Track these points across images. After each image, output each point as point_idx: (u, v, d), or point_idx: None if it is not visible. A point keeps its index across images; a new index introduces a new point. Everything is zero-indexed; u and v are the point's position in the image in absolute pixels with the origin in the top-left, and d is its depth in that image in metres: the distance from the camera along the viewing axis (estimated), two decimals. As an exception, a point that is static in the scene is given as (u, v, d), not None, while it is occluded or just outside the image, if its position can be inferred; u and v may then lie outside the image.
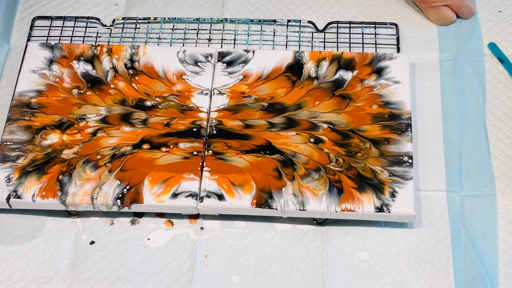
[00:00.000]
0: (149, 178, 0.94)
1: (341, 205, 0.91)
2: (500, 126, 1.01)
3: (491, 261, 0.90)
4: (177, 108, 1.00)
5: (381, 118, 0.98)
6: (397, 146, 0.96)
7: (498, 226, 0.93)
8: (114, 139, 0.97)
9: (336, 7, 1.12)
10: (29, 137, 0.98)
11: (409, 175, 0.93)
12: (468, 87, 1.04)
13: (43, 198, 0.93)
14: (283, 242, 0.93)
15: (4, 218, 0.95)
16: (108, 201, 0.93)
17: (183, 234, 0.94)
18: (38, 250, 0.93)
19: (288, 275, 0.91)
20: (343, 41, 1.08)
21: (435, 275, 0.90)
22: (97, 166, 0.95)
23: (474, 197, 0.95)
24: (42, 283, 0.90)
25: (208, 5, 1.13)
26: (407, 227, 0.93)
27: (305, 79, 1.02)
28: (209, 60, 1.04)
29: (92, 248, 0.93)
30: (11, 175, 0.95)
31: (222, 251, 0.92)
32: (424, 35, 1.09)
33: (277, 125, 0.98)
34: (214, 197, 0.92)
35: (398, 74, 1.01)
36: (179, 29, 1.10)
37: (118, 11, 1.13)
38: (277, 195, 0.92)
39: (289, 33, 1.10)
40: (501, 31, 1.09)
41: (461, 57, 1.06)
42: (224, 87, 1.01)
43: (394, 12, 1.12)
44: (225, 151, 0.96)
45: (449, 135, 1.00)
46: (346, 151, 0.96)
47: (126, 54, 1.04)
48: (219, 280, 0.90)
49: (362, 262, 0.91)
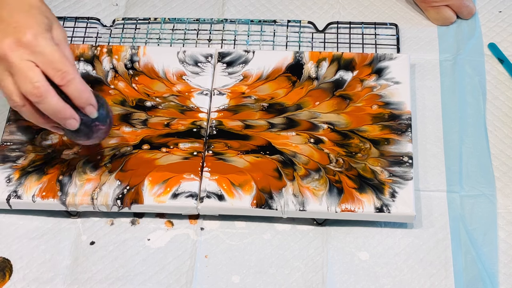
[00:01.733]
0: (149, 179, 0.94)
1: (341, 206, 0.91)
2: (500, 126, 1.01)
3: (491, 261, 0.90)
4: (177, 109, 1.00)
5: (381, 119, 0.98)
6: (397, 147, 0.96)
7: (498, 226, 0.93)
8: (114, 139, 0.97)
9: (336, 8, 1.12)
10: (29, 138, 0.98)
11: (409, 175, 0.93)
12: (468, 88, 1.04)
13: (43, 199, 0.93)
14: (283, 242, 0.93)
15: (4, 218, 0.95)
16: (108, 201, 0.93)
17: (183, 234, 0.94)
18: (38, 250, 0.93)
19: (288, 275, 0.91)
20: (343, 41, 1.08)
21: (435, 275, 0.90)
22: (97, 166, 0.95)
23: (474, 197, 0.95)
24: (42, 284, 0.90)
25: (208, 6, 1.13)
26: (407, 227, 0.93)
27: (305, 80, 1.02)
28: (209, 60, 1.04)
29: (92, 248, 0.93)
30: (11, 176, 0.95)
31: (222, 251, 0.92)
32: (424, 35, 1.09)
33: (277, 126, 0.98)
34: (214, 198, 0.92)
35: (398, 75, 1.01)
36: (179, 29, 1.10)
37: (118, 11, 1.13)
38: (277, 196, 0.92)
39: (289, 33, 1.10)
40: (501, 31, 1.09)
41: (461, 58, 1.06)
42: (224, 88, 1.02)
43: (394, 12, 1.12)
44: (225, 152, 0.96)
45: (449, 135, 1.00)
46: (346, 151, 0.96)
47: (126, 55, 1.04)
48: (219, 281, 0.90)
49: (362, 262, 0.91)
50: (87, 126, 0.87)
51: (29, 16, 0.85)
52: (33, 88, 0.82)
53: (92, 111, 0.86)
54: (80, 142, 0.90)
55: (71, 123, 0.85)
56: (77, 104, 0.85)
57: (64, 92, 0.84)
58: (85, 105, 0.86)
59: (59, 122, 0.85)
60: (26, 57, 0.83)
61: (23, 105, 0.84)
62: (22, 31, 0.83)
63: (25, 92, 0.83)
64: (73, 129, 0.86)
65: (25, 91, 0.83)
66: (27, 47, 0.83)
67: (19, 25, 0.84)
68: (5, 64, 0.83)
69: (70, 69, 0.84)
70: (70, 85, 0.84)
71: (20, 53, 0.83)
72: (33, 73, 0.82)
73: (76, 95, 0.85)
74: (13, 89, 0.84)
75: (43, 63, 0.83)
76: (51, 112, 0.84)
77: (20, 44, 0.83)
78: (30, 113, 0.85)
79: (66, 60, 0.84)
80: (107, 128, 0.89)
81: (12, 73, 0.83)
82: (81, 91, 0.85)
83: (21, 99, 0.84)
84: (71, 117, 0.85)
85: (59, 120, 0.85)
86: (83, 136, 0.88)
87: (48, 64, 0.83)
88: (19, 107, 0.85)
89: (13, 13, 0.85)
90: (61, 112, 0.84)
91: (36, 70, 0.83)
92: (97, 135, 0.89)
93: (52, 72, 0.83)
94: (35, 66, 0.83)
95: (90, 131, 0.88)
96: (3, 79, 0.84)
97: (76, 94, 0.85)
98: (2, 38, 0.83)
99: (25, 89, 0.83)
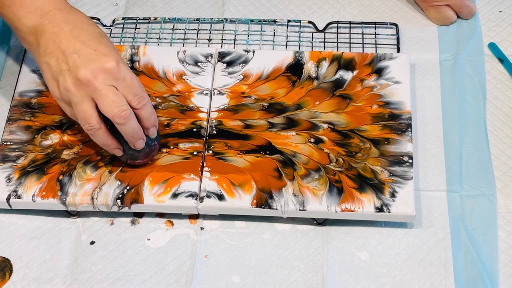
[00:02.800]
0: (149, 179, 0.94)
1: (341, 205, 0.91)
2: (500, 126, 1.01)
3: (491, 261, 0.90)
4: (177, 109, 1.00)
5: (381, 118, 0.98)
6: (397, 146, 0.96)
7: (498, 226, 0.93)
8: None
9: (336, 7, 1.12)
10: (29, 137, 0.98)
11: (409, 175, 0.93)
12: (468, 87, 1.04)
13: (43, 198, 0.93)
14: (283, 242, 0.93)
15: (4, 218, 0.95)
16: (108, 201, 0.93)
17: (183, 234, 0.94)
18: (38, 250, 0.93)
19: (288, 275, 0.91)
20: (343, 41, 1.08)
21: (435, 275, 0.90)
22: (98, 166, 0.95)
23: (474, 197, 0.95)
24: (42, 283, 0.90)
25: (208, 5, 1.13)
26: (407, 227, 0.93)
27: (305, 79, 1.02)
28: (209, 60, 1.04)
29: (92, 248, 0.93)
30: (11, 175, 0.95)
31: (222, 251, 0.92)
32: (424, 35, 1.09)
33: (277, 125, 0.98)
34: (214, 197, 0.92)
35: (398, 74, 1.01)
36: (179, 29, 1.10)
37: (118, 11, 1.13)
38: (277, 195, 0.92)
39: (289, 33, 1.10)
40: (501, 31, 1.09)
41: (461, 57, 1.06)
42: (224, 87, 1.01)
43: (394, 12, 1.12)
44: (225, 151, 0.96)
45: (449, 135, 1.00)
46: (346, 151, 0.96)
47: (126, 54, 1.04)
48: (219, 280, 0.90)
49: (362, 262, 0.91)
50: (148, 146, 0.92)
51: (103, 43, 0.89)
52: (120, 111, 0.87)
53: (154, 132, 0.92)
54: (138, 162, 0.94)
55: (140, 143, 0.91)
56: (145, 126, 0.91)
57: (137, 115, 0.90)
58: (151, 126, 0.92)
59: (132, 142, 0.91)
60: (109, 82, 0.87)
61: (99, 128, 0.89)
62: (105, 58, 0.87)
63: (112, 116, 0.87)
64: (139, 149, 0.91)
65: (112, 115, 0.87)
66: (111, 74, 0.87)
67: (99, 52, 0.88)
68: (88, 89, 0.87)
69: (145, 94, 0.90)
70: (144, 109, 0.90)
71: (104, 79, 0.87)
72: (118, 97, 0.87)
73: (147, 117, 0.91)
74: (91, 113, 0.88)
75: (124, 88, 0.88)
76: (130, 133, 0.90)
77: (104, 71, 0.87)
78: (104, 136, 0.90)
79: (141, 86, 0.90)
80: (159, 147, 0.95)
81: (95, 98, 0.87)
82: (151, 114, 0.91)
83: (99, 123, 0.88)
84: (142, 138, 0.91)
85: (133, 140, 0.90)
86: (144, 155, 0.93)
87: (128, 89, 0.88)
88: (94, 130, 0.89)
89: (89, 40, 0.89)
90: (138, 133, 0.90)
91: (120, 95, 0.88)
92: (153, 154, 0.94)
93: (131, 97, 0.88)
94: (117, 91, 0.87)
95: (150, 150, 0.93)
96: (82, 103, 0.88)
97: (147, 116, 0.91)
98: (86, 64, 0.87)
99: (112, 113, 0.87)
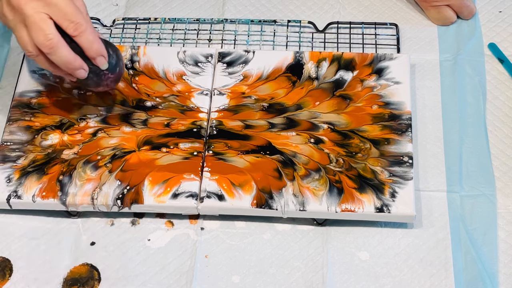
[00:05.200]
0: (149, 179, 0.94)
1: (341, 206, 0.91)
2: (500, 126, 1.01)
3: (491, 261, 0.90)
4: (177, 109, 1.00)
5: (381, 119, 0.98)
6: (397, 147, 0.96)
7: (498, 226, 0.93)
8: (114, 139, 0.97)
9: (336, 8, 1.12)
10: (30, 138, 0.98)
11: (409, 175, 0.93)
12: (468, 87, 1.04)
13: (43, 199, 0.93)
14: (283, 242, 0.93)
15: (4, 218, 0.95)
16: (109, 201, 0.93)
17: (183, 234, 0.94)
18: (38, 250, 0.93)
19: (288, 275, 0.91)
20: (343, 41, 1.08)
21: (435, 275, 0.90)
22: (98, 166, 0.95)
23: (474, 197, 0.95)
24: (42, 284, 0.90)
25: (208, 6, 1.14)
26: (407, 227, 0.93)
27: (305, 80, 1.02)
28: (209, 60, 1.04)
29: (93, 248, 0.93)
30: (12, 176, 0.95)
31: (222, 251, 0.92)
32: (424, 35, 1.09)
33: (277, 126, 0.98)
34: (214, 198, 0.92)
35: (398, 75, 1.01)
36: (179, 29, 1.10)
37: (118, 11, 1.13)
38: (277, 196, 0.92)
39: (289, 33, 1.10)
40: (501, 31, 1.09)
41: (461, 58, 1.06)
42: (224, 88, 1.02)
43: (394, 12, 1.12)
44: (225, 152, 0.96)
45: (449, 135, 1.00)
46: (346, 151, 0.96)
47: (126, 55, 1.04)
48: (219, 281, 0.90)
49: (362, 262, 0.91)
50: (96, 75, 0.91)
51: None
52: (45, 40, 0.86)
53: (102, 62, 0.90)
54: (92, 89, 0.94)
55: (80, 73, 0.89)
56: (88, 55, 0.89)
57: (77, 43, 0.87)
58: (96, 55, 0.90)
59: (69, 72, 0.89)
60: (40, 9, 0.86)
61: (37, 55, 0.88)
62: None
63: (38, 44, 0.86)
64: (82, 79, 0.90)
65: (37, 43, 0.86)
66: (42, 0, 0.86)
67: None
68: (20, 16, 0.86)
69: (82, 20, 0.87)
70: (82, 36, 0.87)
71: (34, 5, 0.86)
72: (46, 25, 0.86)
73: (88, 46, 0.88)
74: (27, 40, 0.87)
75: (57, 14, 0.86)
76: (61, 63, 0.88)
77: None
78: (44, 63, 0.89)
79: (78, 12, 0.87)
80: (116, 76, 0.93)
81: (26, 24, 0.86)
82: (92, 42, 0.88)
83: (35, 50, 0.87)
84: (80, 68, 0.89)
85: (69, 71, 0.89)
86: (93, 84, 0.92)
87: (61, 16, 0.86)
88: (33, 56, 0.88)
89: None
90: (71, 63, 0.88)
91: (49, 22, 0.86)
92: (106, 83, 0.93)
93: (65, 24, 0.86)
94: (48, 18, 0.86)
95: (99, 79, 0.92)
96: (18, 30, 0.87)
97: (87, 45, 0.88)
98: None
99: (37, 41, 0.86)
